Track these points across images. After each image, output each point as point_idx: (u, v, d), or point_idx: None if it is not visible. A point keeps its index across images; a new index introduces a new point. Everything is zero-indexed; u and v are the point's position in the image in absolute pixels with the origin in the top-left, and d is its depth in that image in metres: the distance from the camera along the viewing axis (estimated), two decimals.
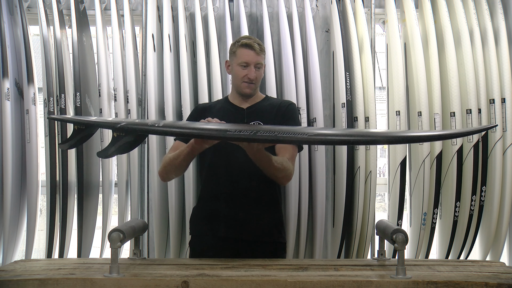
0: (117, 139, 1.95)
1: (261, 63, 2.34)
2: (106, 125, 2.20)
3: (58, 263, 2.15)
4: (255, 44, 2.31)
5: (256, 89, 2.38)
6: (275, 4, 3.10)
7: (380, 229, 2.14)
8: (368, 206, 2.89)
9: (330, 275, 1.87)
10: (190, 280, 1.77)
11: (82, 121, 2.16)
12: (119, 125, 1.96)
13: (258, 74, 2.34)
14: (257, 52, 2.31)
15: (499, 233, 2.94)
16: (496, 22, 2.97)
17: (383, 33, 3.21)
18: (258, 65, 2.32)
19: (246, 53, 2.31)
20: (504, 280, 1.78)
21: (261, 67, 2.35)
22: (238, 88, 2.37)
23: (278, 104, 2.42)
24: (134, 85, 2.93)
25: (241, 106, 2.38)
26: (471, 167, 2.88)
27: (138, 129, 2.00)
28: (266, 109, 2.37)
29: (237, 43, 2.35)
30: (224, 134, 1.97)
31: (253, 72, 2.31)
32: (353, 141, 2.04)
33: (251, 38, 2.38)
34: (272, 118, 2.33)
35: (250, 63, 2.31)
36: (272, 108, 2.37)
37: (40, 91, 2.99)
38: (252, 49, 2.31)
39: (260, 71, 2.35)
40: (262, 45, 2.35)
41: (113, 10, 2.96)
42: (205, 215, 2.36)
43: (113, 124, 2.04)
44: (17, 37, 2.98)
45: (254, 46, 2.30)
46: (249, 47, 2.31)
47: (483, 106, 2.91)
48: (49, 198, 2.87)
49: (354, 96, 2.90)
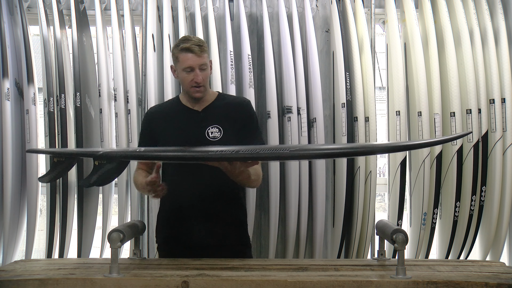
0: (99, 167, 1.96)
1: (205, 64, 2.24)
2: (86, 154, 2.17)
3: (58, 263, 2.16)
4: (194, 46, 2.22)
5: (205, 90, 2.30)
6: (275, 4, 3.10)
7: (380, 229, 2.14)
8: (368, 206, 2.89)
9: (330, 275, 1.87)
10: (190, 280, 1.77)
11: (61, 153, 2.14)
12: (99, 153, 1.96)
13: (204, 76, 2.25)
14: (197, 54, 2.21)
15: (499, 233, 2.94)
16: (496, 22, 2.97)
17: (383, 33, 3.21)
18: (202, 66, 2.24)
19: (187, 57, 2.21)
20: (504, 280, 1.78)
21: (207, 67, 2.25)
22: (189, 93, 2.29)
23: (234, 103, 2.37)
24: (134, 85, 2.93)
25: (195, 108, 2.32)
26: (471, 167, 2.88)
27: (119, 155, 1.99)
28: (221, 109, 2.31)
29: (177, 47, 2.25)
30: (207, 155, 1.97)
31: (199, 76, 2.23)
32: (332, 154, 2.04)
33: (190, 39, 2.25)
34: (229, 119, 2.29)
35: (193, 67, 2.22)
36: (227, 108, 2.32)
37: (40, 91, 2.99)
38: (192, 52, 2.21)
39: (206, 72, 2.26)
40: (203, 45, 2.24)
41: (113, 10, 2.96)
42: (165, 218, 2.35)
43: (93, 152, 2.02)
44: (17, 37, 2.98)
45: (194, 49, 2.21)
46: (189, 50, 2.21)
47: (483, 106, 2.91)
48: (49, 198, 2.87)
49: (354, 96, 2.90)
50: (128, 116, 2.92)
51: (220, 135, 2.26)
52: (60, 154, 2.09)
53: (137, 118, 2.94)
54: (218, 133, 2.26)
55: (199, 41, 2.26)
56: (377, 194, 3.04)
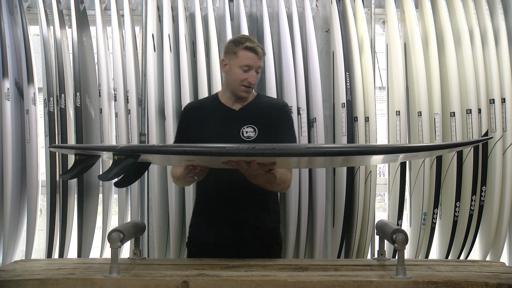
0: (118, 162, 1.94)
1: (261, 67, 2.29)
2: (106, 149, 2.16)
3: (58, 263, 2.15)
4: (258, 48, 2.25)
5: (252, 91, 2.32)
6: (275, 4, 3.10)
7: (380, 229, 2.14)
8: (368, 206, 2.89)
9: (330, 275, 1.87)
10: (190, 280, 1.77)
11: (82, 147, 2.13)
12: (119, 147, 1.96)
13: (257, 78, 2.29)
14: (260, 56, 2.25)
15: (499, 233, 2.94)
16: (496, 22, 2.97)
17: (383, 33, 3.21)
18: (258, 69, 2.27)
19: (249, 57, 2.23)
20: (504, 280, 1.78)
21: (260, 71, 2.30)
22: (235, 90, 2.29)
23: (272, 104, 2.37)
24: (134, 85, 2.93)
25: (233, 107, 2.32)
26: (471, 167, 2.88)
27: (137, 149, 1.96)
28: (258, 110, 2.31)
29: (240, 44, 2.26)
30: (223, 150, 1.92)
31: (255, 77, 2.25)
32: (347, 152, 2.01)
33: (253, 41, 2.29)
34: (264, 119, 2.28)
35: (252, 67, 2.24)
36: (264, 108, 2.32)
37: (40, 91, 2.99)
38: (256, 53, 2.24)
39: (259, 75, 2.30)
40: (263, 49, 2.30)
41: (113, 10, 2.96)
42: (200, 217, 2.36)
43: (113, 147, 2.02)
44: (17, 37, 2.98)
45: (258, 50, 2.24)
46: (253, 51, 2.24)
47: (483, 106, 2.91)
48: (49, 198, 2.87)
49: (354, 96, 2.90)
50: (128, 116, 2.92)
51: (254, 135, 2.25)
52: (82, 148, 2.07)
53: (137, 118, 2.94)
54: (253, 133, 2.26)
55: (260, 45, 2.29)
56: (377, 194, 3.04)
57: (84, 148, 2.11)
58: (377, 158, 2.12)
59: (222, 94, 2.37)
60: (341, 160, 2.16)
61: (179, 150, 1.99)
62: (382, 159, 2.19)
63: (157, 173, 2.90)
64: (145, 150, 1.97)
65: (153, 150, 1.98)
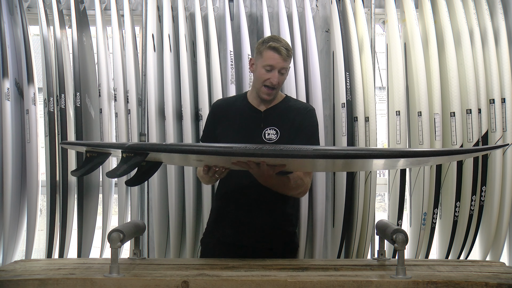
0: (127, 160, 1.94)
1: (286, 68, 2.24)
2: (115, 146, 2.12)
3: (58, 263, 2.15)
4: (282, 48, 2.20)
5: (276, 93, 2.29)
6: (275, 4, 3.10)
7: (380, 229, 2.14)
8: (368, 206, 2.89)
9: (330, 275, 1.87)
10: (190, 280, 1.77)
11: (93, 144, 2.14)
12: (127, 145, 1.95)
13: (281, 80, 2.24)
14: (283, 57, 2.20)
15: (499, 233, 2.94)
16: (496, 22, 2.97)
17: (383, 33, 3.21)
18: (282, 70, 2.23)
19: (272, 56, 2.20)
20: (504, 280, 1.78)
21: (286, 73, 2.25)
22: (258, 91, 2.28)
23: (297, 107, 2.34)
24: (134, 85, 2.93)
25: (259, 108, 2.31)
26: (471, 167, 2.88)
27: (146, 147, 1.95)
28: (282, 112, 2.30)
29: (265, 43, 2.23)
30: (230, 150, 1.91)
31: (276, 78, 2.22)
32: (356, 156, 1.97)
33: (280, 41, 2.24)
34: (287, 122, 2.27)
35: (275, 67, 2.21)
36: (289, 111, 2.30)
37: (40, 91, 2.99)
38: (279, 53, 2.20)
39: (283, 76, 2.25)
40: (290, 50, 2.25)
41: (113, 10, 2.96)
42: (215, 216, 2.37)
43: (121, 144, 2.01)
44: (17, 37, 2.98)
45: (281, 51, 2.20)
46: (276, 50, 2.20)
47: (483, 106, 2.91)
48: (49, 198, 2.87)
49: (354, 96, 2.90)
50: (128, 116, 2.92)
51: (276, 137, 2.25)
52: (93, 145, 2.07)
53: (137, 118, 2.94)
54: (275, 135, 2.25)
55: (288, 46, 2.25)
56: (377, 194, 3.04)
57: (94, 145, 2.12)
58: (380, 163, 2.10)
59: (250, 94, 2.37)
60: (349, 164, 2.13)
61: (187, 149, 1.98)
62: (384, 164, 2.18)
63: (157, 173, 2.89)
64: (154, 148, 1.95)
65: (161, 148, 1.97)
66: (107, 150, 2.03)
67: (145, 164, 1.99)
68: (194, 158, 2.02)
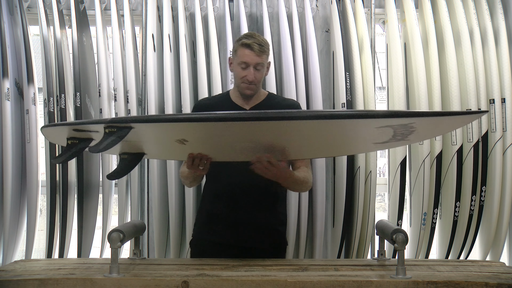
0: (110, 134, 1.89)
1: (261, 64, 2.24)
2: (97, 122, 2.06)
3: (58, 263, 2.15)
4: (255, 44, 2.21)
5: (257, 89, 2.31)
6: (275, 4, 3.10)
7: (380, 229, 2.14)
8: (368, 206, 2.89)
9: (330, 275, 1.87)
10: (190, 280, 1.77)
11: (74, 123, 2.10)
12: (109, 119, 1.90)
13: (258, 75, 2.26)
14: (256, 52, 2.21)
15: (499, 233, 2.94)
16: (496, 22, 2.97)
17: (383, 33, 3.21)
18: (258, 66, 2.24)
19: (245, 53, 2.22)
20: (504, 280, 1.78)
21: (262, 68, 2.26)
22: (239, 88, 2.31)
23: (284, 104, 2.37)
24: (134, 85, 2.93)
25: (244, 106, 2.33)
26: (471, 167, 2.88)
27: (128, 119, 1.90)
28: (269, 109, 2.29)
29: (239, 41, 2.27)
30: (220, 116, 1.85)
31: (252, 74, 2.23)
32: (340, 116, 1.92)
33: (253, 36, 2.26)
34: None
35: (249, 63, 2.23)
36: (276, 108, 2.31)
37: (40, 91, 2.99)
38: (252, 50, 2.21)
39: (260, 72, 2.26)
40: (264, 45, 2.24)
41: (113, 10, 2.96)
42: (205, 216, 2.36)
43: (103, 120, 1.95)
44: (17, 37, 2.98)
45: (254, 47, 2.21)
46: (249, 47, 2.21)
47: (483, 106, 2.90)
48: (49, 198, 2.87)
49: (354, 96, 2.90)
50: (128, 116, 2.92)
51: None
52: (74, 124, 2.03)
53: None
54: None
55: (261, 41, 2.25)
56: (377, 194, 3.04)
57: (76, 123, 2.07)
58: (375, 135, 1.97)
59: (233, 93, 2.38)
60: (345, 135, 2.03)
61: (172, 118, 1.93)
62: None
63: (157, 173, 2.90)
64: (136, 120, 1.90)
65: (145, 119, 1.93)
66: (89, 135, 1.97)
67: (127, 156, 1.98)
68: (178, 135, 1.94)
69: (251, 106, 2.33)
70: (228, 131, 1.90)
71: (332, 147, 2.25)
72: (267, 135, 1.94)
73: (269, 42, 2.34)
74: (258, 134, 1.93)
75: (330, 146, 2.17)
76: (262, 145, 2.01)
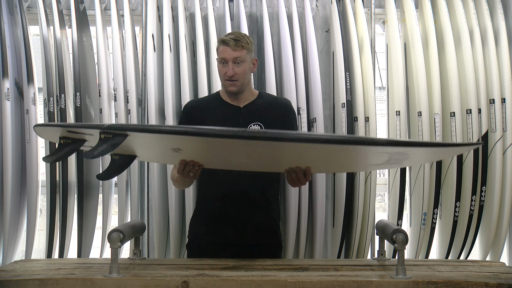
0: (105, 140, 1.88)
1: (240, 58, 2.22)
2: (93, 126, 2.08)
3: (58, 263, 2.15)
4: (230, 40, 2.22)
5: (241, 85, 2.28)
6: (275, 4, 3.10)
7: (380, 229, 2.14)
8: (368, 206, 2.89)
9: (330, 275, 1.87)
10: (190, 280, 1.77)
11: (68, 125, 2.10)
12: (106, 125, 1.88)
13: (238, 70, 2.23)
14: (232, 47, 2.21)
15: (499, 233, 2.94)
16: (496, 22, 2.97)
17: (383, 33, 3.21)
18: (237, 60, 2.23)
19: (222, 50, 2.24)
20: (504, 280, 1.78)
21: (242, 63, 2.23)
22: (223, 86, 2.32)
23: (277, 102, 2.40)
24: (134, 85, 2.93)
25: (238, 104, 2.33)
26: (471, 167, 2.88)
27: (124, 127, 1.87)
28: (263, 107, 2.33)
29: (218, 40, 2.30)
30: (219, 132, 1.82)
31: (231, 69, 2.22)
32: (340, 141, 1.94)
33: (231, 33, 2.28)
34: (270, 117, 2.30)
35: (227, 59, 2.23)
36: (269, 106, 2.34)
37: (40, 91, 2.99)
38: (227, 45, 2.22)
39: (240, 67, 2.23)
40: (241, 40, 2.23)
41: (113, 10, 2.96)
42: (202, 217, 2.36)
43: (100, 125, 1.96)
44: (17, 37, 2.97)
45: (229, 42, 2.21)
46: (224, 43, 2.23)
47: (483, 106, 2.91)
48: (49, 198, 2.87)
49: (354, 96, 2.90)
50: (128, 116, 2.92)
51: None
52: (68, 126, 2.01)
53: (137, 118, 2.94)
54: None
55: (238, 36, 2.25)
56: (377, 194, 3.04)
57: (71, 126, 2.05)
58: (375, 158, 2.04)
59: (223, 92, 2.38)
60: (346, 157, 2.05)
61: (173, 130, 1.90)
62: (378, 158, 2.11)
63: (157, 174, 2.90)
64: (133, 128, 1.88)
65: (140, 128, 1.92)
66: (82, 137, 1.95)
67: (118, 158, 1.97)
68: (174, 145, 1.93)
69: (244, 104, 2.33)
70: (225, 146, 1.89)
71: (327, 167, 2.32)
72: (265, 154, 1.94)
73: (252, 39, 2.33)
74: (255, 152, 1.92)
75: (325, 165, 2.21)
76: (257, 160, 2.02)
